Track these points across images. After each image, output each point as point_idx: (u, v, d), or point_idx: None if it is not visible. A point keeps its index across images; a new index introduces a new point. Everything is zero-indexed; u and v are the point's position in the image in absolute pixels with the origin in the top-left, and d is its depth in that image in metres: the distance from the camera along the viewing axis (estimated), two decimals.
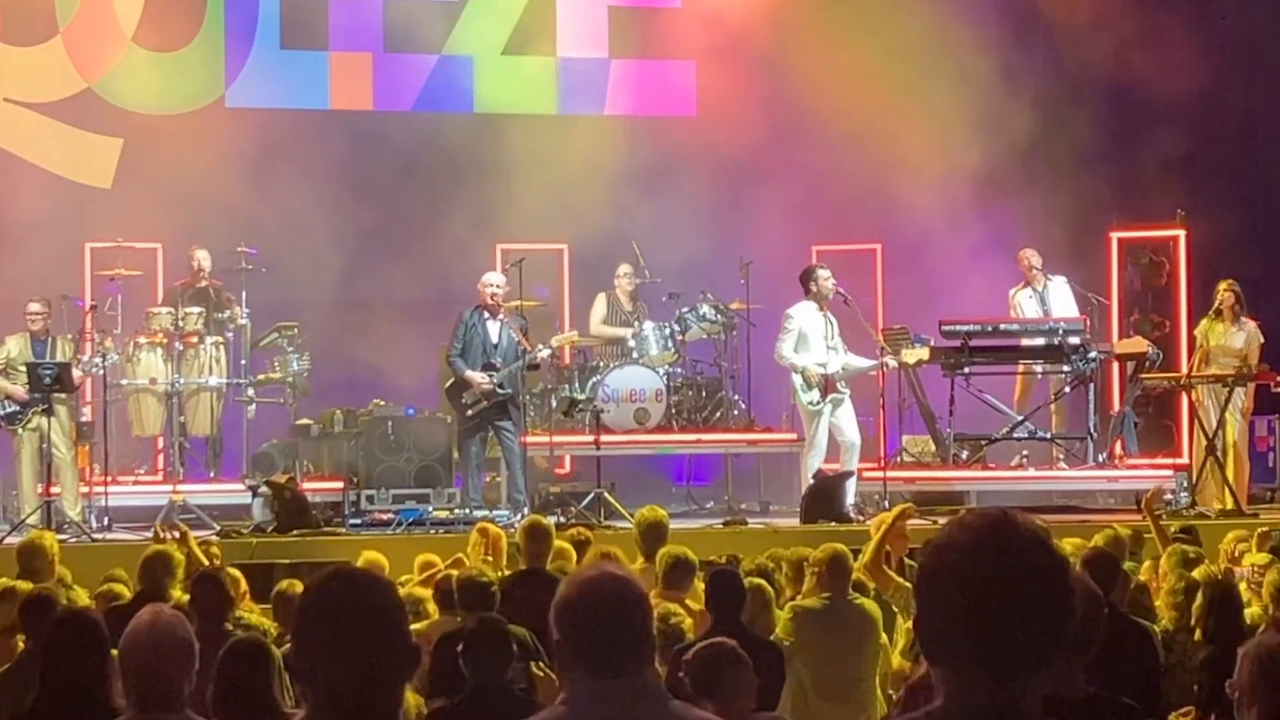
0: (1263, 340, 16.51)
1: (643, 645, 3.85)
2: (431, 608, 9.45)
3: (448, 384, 16.26)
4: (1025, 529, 3.09)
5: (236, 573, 10.34)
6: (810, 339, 16.15)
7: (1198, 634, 8.55)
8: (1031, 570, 3.05)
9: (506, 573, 10.51)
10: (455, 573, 9.57)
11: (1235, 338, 16.36)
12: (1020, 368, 17.39)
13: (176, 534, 11.09)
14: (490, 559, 10.83)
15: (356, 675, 3.52)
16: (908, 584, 10.40)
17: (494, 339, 16.07)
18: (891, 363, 16.16)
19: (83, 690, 5.87)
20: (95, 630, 6.14)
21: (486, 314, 16.11)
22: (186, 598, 8.64)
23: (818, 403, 16.16)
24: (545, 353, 16.24)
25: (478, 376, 15.89)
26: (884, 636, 9.49)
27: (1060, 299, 17.35)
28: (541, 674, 7.95)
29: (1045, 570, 3.07)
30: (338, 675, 3.52)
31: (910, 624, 9.55)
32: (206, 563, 10.54)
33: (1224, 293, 16.43)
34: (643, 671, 3.84)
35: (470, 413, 16.00)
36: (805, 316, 16.24)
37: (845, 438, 16.14)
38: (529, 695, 7.52)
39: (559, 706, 3.82)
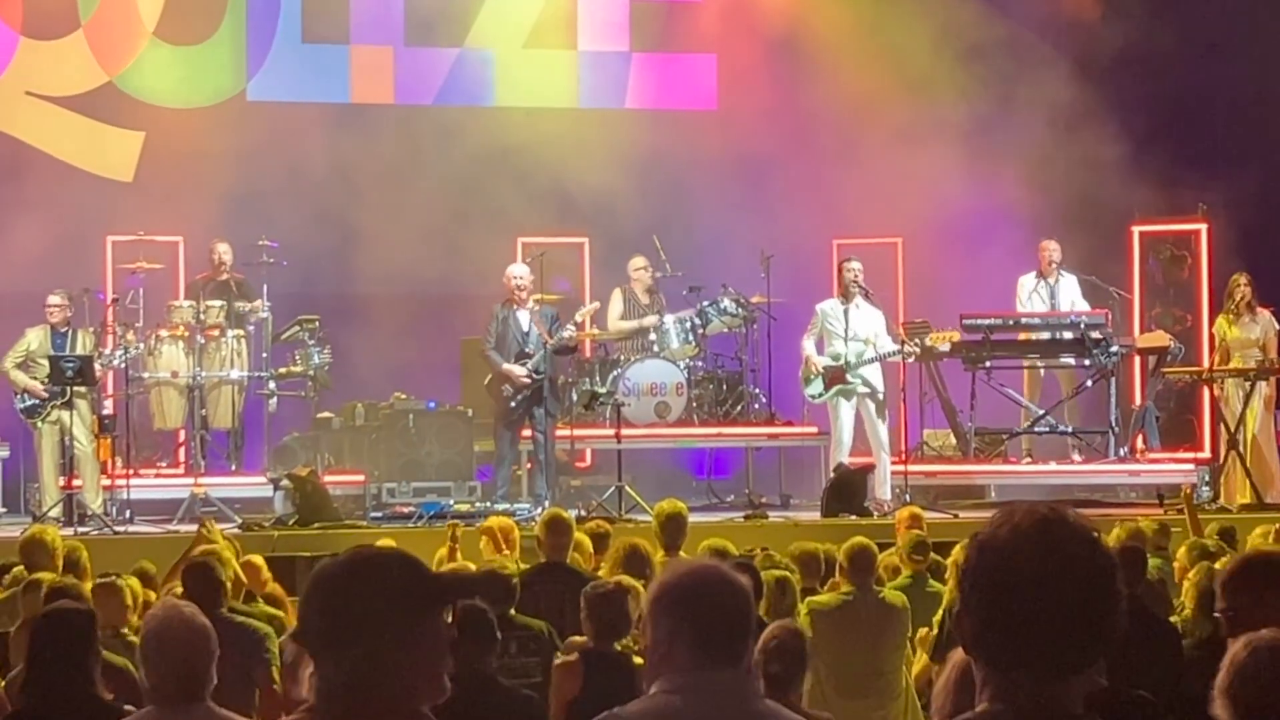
0: (1278, 328, 16.46)
1: (751, 640, 3.86)
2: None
3: (486, 380, 16.26)
4: (1074, 527, 2.99)
5: (259, 560, 10.32)
6: (831, 332, 16.17)
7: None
8: (1079, 571, 2.95)
9: (524, 566, 10.50)
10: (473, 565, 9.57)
11: (1251, 329, 16.33)
12: (1030, 363, 17.36)
13: (204, 530, 11.10)
14: (507, 552, 10.79)
15: (361, 654, 3.50)
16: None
17: (524, 329, 16.11)
18: (911, 347, 16.07)
19: (65, 684, 5.82)
20: (76, 624, 6.07)
21: (514, 306, 16.14)
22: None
23: (818, 395, 16.20)
24: (569, 331, 16.25)
25: (514, 369, 15.92)
26: (910, 626, 9.48)
27: (1069, 296, 17.33)
28: (562, 659, 7.91)
29: (1094, 571, 2.97)
30: (345, 648, 3.50)
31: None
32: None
33: (1243, 287, 16.38)
34: (743, 664, 3.84)
35: (513, 404, 16.01)
36: (826, 310, 16.28)
37: (873, 434, 16.12)
38: (520, 686, 7.51)
39: (662, 695, 3.78)
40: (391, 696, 3.52)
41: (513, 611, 8.33)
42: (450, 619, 3.59)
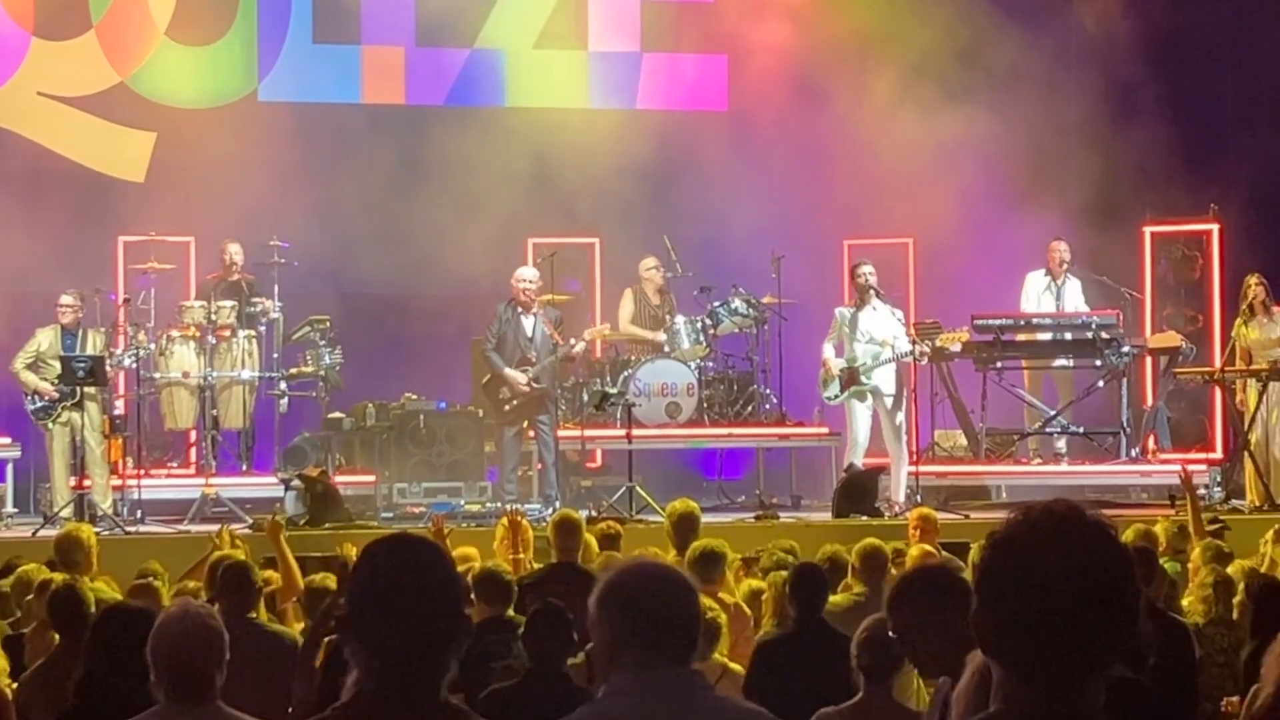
0: None
1: (696, 634, 3.82)
2: None
3: (485, 379, 16.31)
4: (1092, 524, 2.96)
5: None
6: (847, 334, 16.15)
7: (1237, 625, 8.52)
8: (1097, 569, 2.92)
9: (536, 566, 10.49)
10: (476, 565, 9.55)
11: (1270, 328, 16.27)
12: (1041, 363, 17.35)
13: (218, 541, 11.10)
14: (521, 555, 10.76)
15: (408, 639, 3.52)
16: None
17: (528, 333, 16.13)
18: (919, 348, 16.00)
19: (128, 684, 5.85)
20: (145, 624, 6.11)
21: (520, 308, 16.15)
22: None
23: (834, 397, 16.22)
24: (580, 347, 16.31)
25: (514, 375, 15.95)
26: None
27: (1074, 298, 17.33)
28: (572, 663, 7.90)
29: (1112, 569, 2.94)
30: (388, 638, 3.53)
31: None
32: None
33: (1254, 287, 16.32)
34: (691, 661, 3.81)
35: (507, 408, 16.07)
36: (844, 314, 16.29)
37: (886, 436, 16.12)
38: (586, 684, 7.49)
39: (610, 698, 3.76)
40: (426, 685, 3.55)
41: (511, 612, 8.33)
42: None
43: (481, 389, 16.52)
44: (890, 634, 5.19)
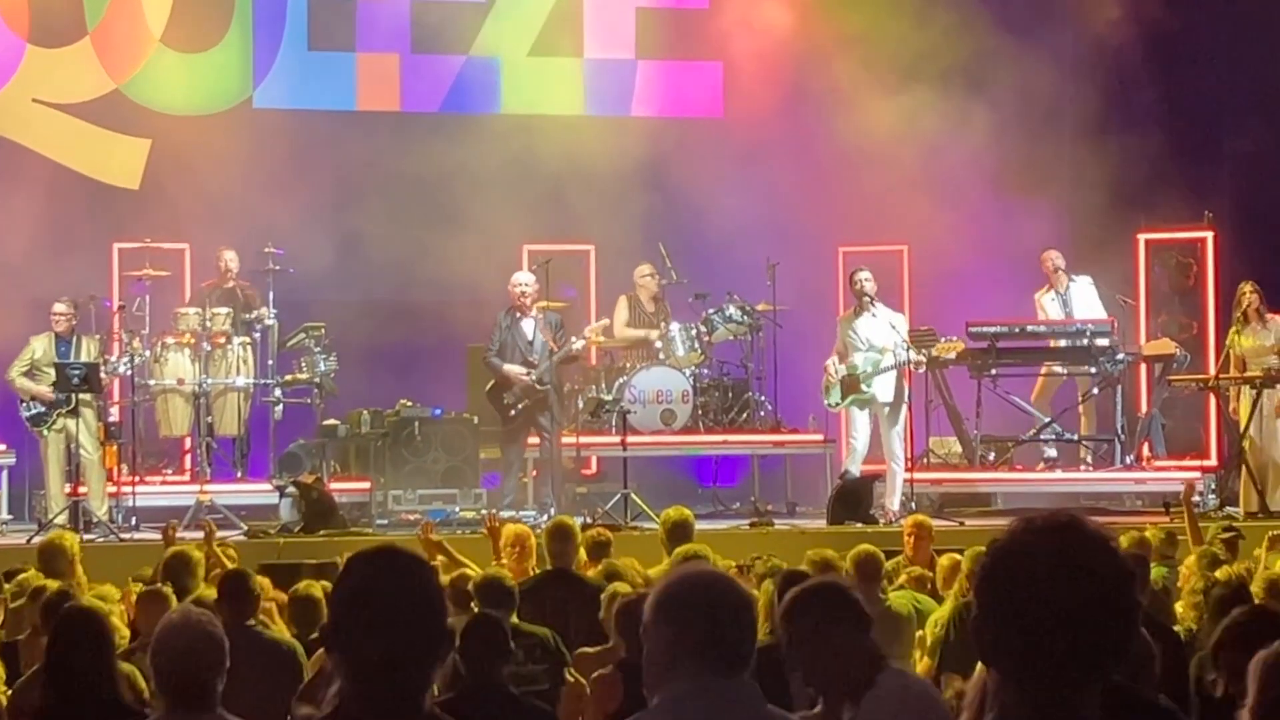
0: None
1: (753, 644, 3.85)
2: None
3: (489, 386, 16.29)
4: (1092, 534, 2.97)
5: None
6: (849, 343, 16.12)
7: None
8: (1097, 579, 2.94)
9: (536, 572, 10.50)
10: (471, 572, 9.56)
11: (1264, 336, 16.27)
12: (1043, 369, 17.36)
13: (202, 532, 11.13)
14: (504, 560, 10.73)
15: (388, 650, 3.53)
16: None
17: (528, 337, 16.14)
18: (914, 356, 15.94)
19: (87, 686, 5.87)
20: (97, 626, 6.14)
21: (518, 313, 16.16)
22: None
23: (836, 404, 16.22)
24: (579, 345, 16.30)
25: (516, 370, 15.95)
26: (916, 633, 9.48)
27: (1084, 300, 17.32)
28: (573, 679, 7.90)
29: (1112, 579, 2.95)
30: (369, 649, 3.54)
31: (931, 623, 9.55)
32: (226, 563, 10.57)
33: (1249, 294, 16.33)
34: (746, 672, 3.83)
35: (513, 413, 16.04)
36: (844, 320, 16.29)
37: (884, 443, 16.10)
38: (529, 697, 7.46)
39: (669, 705, 3.75)
40: (407, 696, 3.56)
41: (515, 619, 8.31)
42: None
43: (485, 396, 16.47)
44: (781, 649, 5.17)
